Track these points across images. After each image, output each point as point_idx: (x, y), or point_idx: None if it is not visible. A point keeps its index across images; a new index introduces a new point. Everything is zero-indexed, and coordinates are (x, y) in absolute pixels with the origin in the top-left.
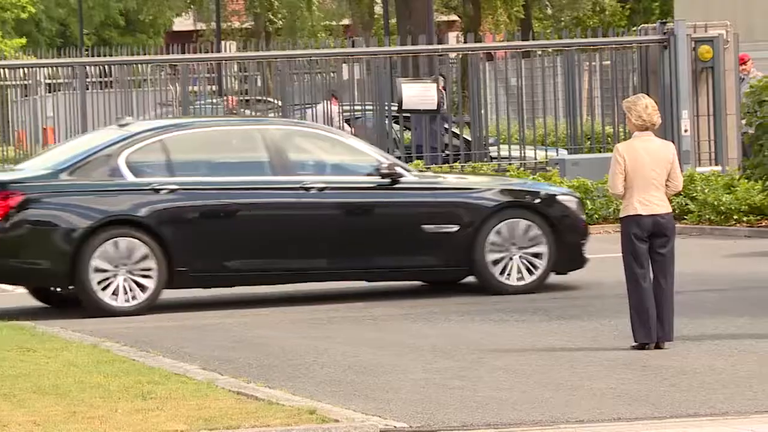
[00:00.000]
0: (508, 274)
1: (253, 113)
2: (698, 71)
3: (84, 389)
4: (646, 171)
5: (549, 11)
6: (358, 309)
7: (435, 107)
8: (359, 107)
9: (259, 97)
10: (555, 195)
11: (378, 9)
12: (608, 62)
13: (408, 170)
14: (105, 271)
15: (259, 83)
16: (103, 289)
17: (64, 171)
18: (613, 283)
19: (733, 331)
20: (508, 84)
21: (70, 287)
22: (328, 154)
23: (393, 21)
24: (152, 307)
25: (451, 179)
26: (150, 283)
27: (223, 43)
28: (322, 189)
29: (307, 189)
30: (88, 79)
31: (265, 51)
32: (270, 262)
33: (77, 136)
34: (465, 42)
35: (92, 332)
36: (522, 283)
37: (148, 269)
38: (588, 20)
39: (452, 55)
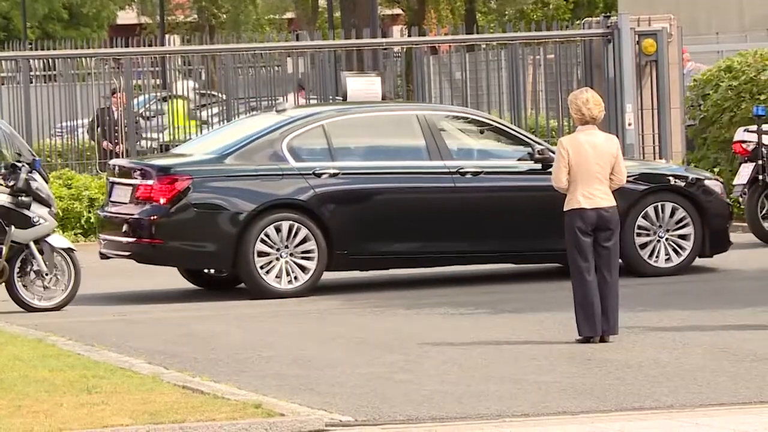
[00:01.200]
0: (656, 257)
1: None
2: (642, 65)
3: (29, 383)
4: (590, 165)
5: (493, 5)
6: (304, 303)
7: (380, 101)
8: (303, 101)
9: (203, 91)
10: (702, 179)
11: (322, 2)
12: (552, 56)
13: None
14: (267, 255)
15: (203, 77)
16: (267, 272)
17: (229, 155)
18: (559, 278)
19: (677, 324)
20: (452, 77)
21: (232, 270)
22: (482, 138)
23: (337, 14)
24: (314, 288)
25: None
26: (311, 265)
27: (167, 36)
28: (476, 174)
29: (463, 174)
30: (32, 73)
31: (209, 45)
32: (425, 246)
33: (234, 122)
34: (409, 36)
35: (37, 326)
36: (670, 265)
37: (309, 251)
38: (532, 14)
39: (396, 48)
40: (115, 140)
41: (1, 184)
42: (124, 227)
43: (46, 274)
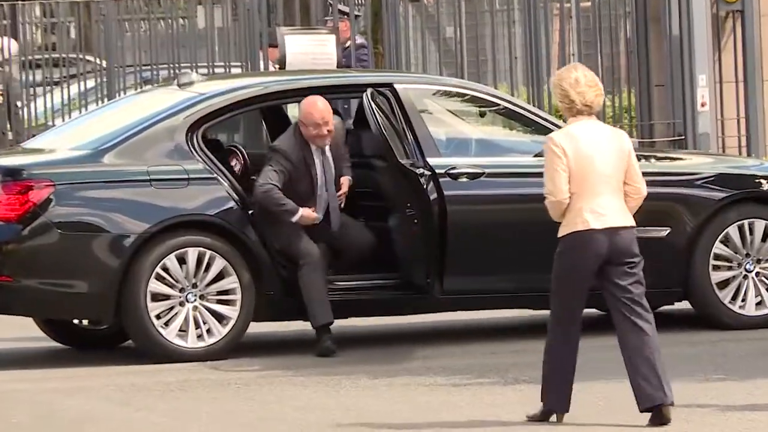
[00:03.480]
0: (743, 300)
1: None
2: (722, 17)
3: None
4: (598, 168)
5: None
6: (222, 369)
7: (335, 69)
8: (221, 69)
9: (74, 55)
10: None
11: None
12: (588, 3)
13: None
14: (166, 298)
15: (72, 34)
16: (166, 323)
17: (109, 151)
18: (598, 333)
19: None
20: (441, 36)
21: (114, 320)
22: (484, 124)
23: None
24: (235, 346)
25: (656, 162)
26: (231, 312)
27: None
28: (475, 176)
29: (454, 176)
30: None
31: None
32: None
33: (115, 101)
34: None
35: None
36: (763, 312)
37: (228, 292)
38: None
39: None
40: None
41: None
42: None
43: None
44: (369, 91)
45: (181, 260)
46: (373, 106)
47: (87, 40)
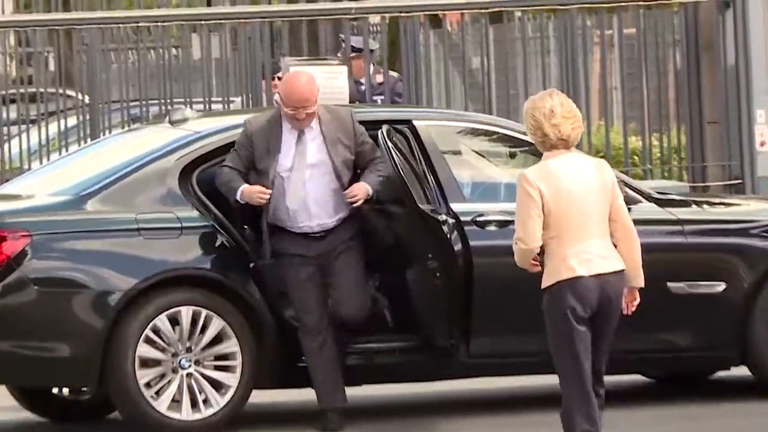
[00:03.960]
0: None
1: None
2: None
3: None
4: (580, 207)
5: None
6: None
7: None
8: (219, 105)
9: (53, 89)
10: None
11: None
12: (633, 30)
13: (643, 193)
14: (157, 364)
15: (51, 65)
16: (157, 393)
17: (92, 197)
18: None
19: None
20: (466, 67)
21: (98, 388)
22: (515, 165)
23: None
24: (235, 418)
25: (709, 208)
26: (231, 380)
27: None
28: (504, 224)
29: (481, 224)
30: None
31: (63, 13)
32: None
33: (99, 141)
34: None
35: None
36: None
37: (228, 357)
38: None
39: (374, 18)
40: None
41: None
42: None
43: None
44: (385, 128)
45: (174, 321)
46: (390, 144)
47: (68, 72)
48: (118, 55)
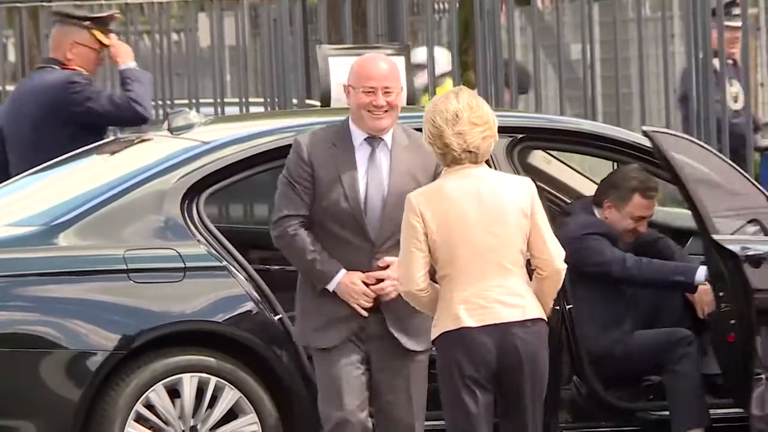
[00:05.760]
0: None
1: None
2: None
3: None
4: (477, 237)
5: None
6: None
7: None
8: (235, 108)
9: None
10: None
11: None
12: None
13: None
14: None
15: (11, 55)
16: None
17: (65, 228)
18: None
19: None
20: (563, 56)
21: None
22: None
23: None
24: None
25: None
26: None
27: None
28: None
29: None
30: None
31: None
32: None
33: (76, 155)
34: None
35: None
36: None
37: None
38: None
39: None
40: None
41: None
42: None
43: None
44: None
45: (174, 392)
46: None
47: (33, 63)
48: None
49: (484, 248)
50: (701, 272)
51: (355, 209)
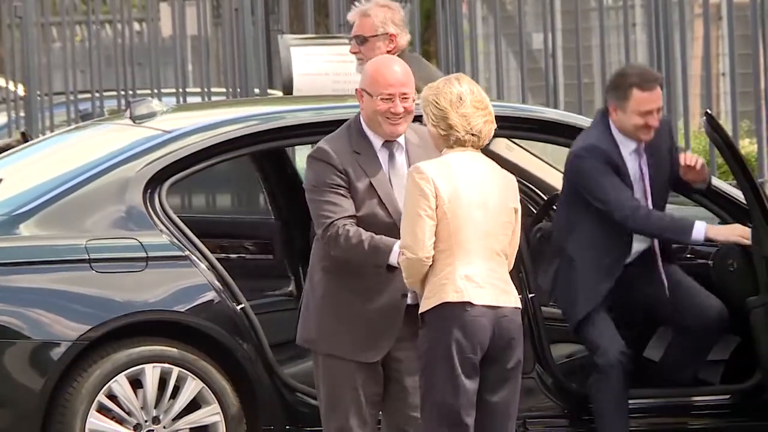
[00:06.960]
0: None
1: None
2: None
3: None
4: (478, 218)
5: None
6: None
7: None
8: (197, 97)
9: None
10: None
11: None
12: None
13: None
14: None
15: None
16: None
17: (26, 218)
18: None
19: None
20: (525, 45)
21: None
22: None
23: None
24: None
25: None
26: None
27: None
28: None
29: None
30: None
31: None
32: None
33: (37, 143)
34: None
35: None
36: None
37: (208, 428)
38: None
39: None
40: None
41: None
42: None
43: None
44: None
45: (136, 382)
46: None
47: None
48: (62, 30)
49: (483, 231)
50: (700, 227)
51: (392, 216)
